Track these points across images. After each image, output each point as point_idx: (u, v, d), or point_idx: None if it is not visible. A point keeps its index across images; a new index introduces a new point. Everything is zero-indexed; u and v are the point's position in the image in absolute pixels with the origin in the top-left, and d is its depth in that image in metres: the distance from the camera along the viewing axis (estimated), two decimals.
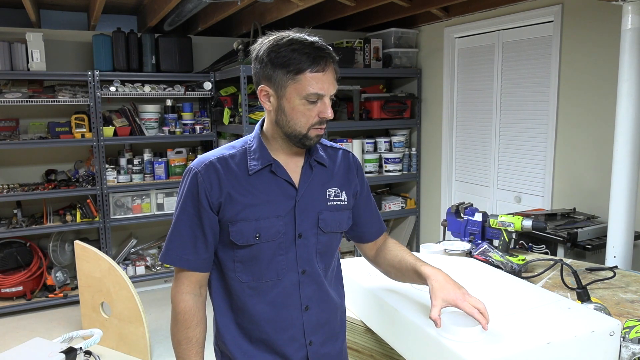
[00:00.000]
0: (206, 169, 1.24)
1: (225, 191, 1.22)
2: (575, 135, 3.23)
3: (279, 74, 1.19)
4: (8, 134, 3.94)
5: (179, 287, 1.29)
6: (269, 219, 1.24)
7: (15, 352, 1.51)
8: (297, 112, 1.20)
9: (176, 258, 1.26)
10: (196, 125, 4.33)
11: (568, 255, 2.64)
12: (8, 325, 3.76)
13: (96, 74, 3.93)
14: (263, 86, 1.22)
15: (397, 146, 4.53)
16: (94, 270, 2.28)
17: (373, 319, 1.48)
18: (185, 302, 1.29)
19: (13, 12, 4.17)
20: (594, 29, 3.05)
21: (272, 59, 1.19)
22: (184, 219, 1.25)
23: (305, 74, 1.17)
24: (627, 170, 2.16)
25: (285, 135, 1.25)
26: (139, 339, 2.13)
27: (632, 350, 1.18)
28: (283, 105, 1.21)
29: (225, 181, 1.23)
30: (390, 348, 1.41)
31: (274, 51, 1.19)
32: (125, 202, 4.20)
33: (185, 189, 1.26)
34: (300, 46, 1.17)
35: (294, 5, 3.48)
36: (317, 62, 1.17)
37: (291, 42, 1.18)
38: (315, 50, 1.18)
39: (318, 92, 1.18)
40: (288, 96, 1.20)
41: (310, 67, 1.17)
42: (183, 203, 1.25)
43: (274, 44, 1.20)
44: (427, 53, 4.43)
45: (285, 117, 1.22)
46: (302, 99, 1.19)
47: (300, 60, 1.16)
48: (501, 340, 1.12)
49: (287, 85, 1.19)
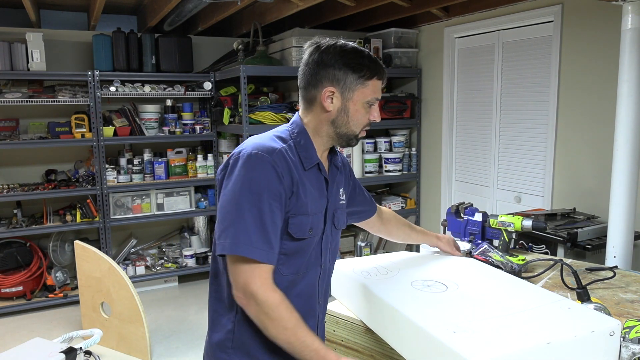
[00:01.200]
0: (279, 156, 1.22)
1: (295, 181, 1.24)
2: (575, 135, 3.23)
3: (350, 78, 1.28)
4: (8, 134, 3.94)
5: (260, 280, 1.16)
6: (317, 215, 1.31)
7: (15, 352, 1.51)
8: (359, 113, 1.31)
9: (256, 251, 1.16)
10: (196, 125, 4.33)
11: (568, 255, 2.64)
12: (8, 325, 3.76)
13: (96, 74, 3.93)
14: (329, 87, 1.29)
15: (397, 146, 4.53)
16: (94, 270, 2.28)
17: (372, 318, 1.48)
18: (276, 293, 1.18)
19: (13, 12, 4.17)
20: (594, 29, 3.05)
21: (345, 63, 1.28)
22: (260, 208, 1.17)
23: (373, 80, 1.31)
24: (627, 170, 2.16)
25: (337, 135, 1.33)
26: (139, 339, 2.13)
27: (632, 350, 1.18)
28: (348, 107, 1.30)
29: (294, 171, 1.25)
30: (390, 348, 1.41)
31: (346, 57, 1.28)
32: (125, 202, 4.21)
33: (255, 175, 1.18)
34: (366, 56, 1.30)
35: (294, 5, 3.48)
36: (381, 72, 1.32)
37: (357, 51, 1.30)
38: (376, 61, 1.32)
39: (377, 97, 1.33)
40: (355, 99, 1.30)
41: (376, 75, 1.31)
42: (254, 191, 1.18)
43: (342, 50, 1.29)
44: (427, 53, 4.43)
45: (347, 118, 1.31)
46: (364, 103, 1.31)
47: (370, 68, 1.29)
48: (501, 338, 1.13)
49: (356, 89, 1.29)
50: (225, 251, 1.18)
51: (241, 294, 1.18)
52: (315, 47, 1.33)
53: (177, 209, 4.38)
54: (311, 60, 1.32)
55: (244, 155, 1.22)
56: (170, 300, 4.21)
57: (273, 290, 1.18)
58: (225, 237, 1.18)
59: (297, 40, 4.01)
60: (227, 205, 1.20)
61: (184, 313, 3.89)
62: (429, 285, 1.45)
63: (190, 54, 4.30)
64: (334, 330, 1.59)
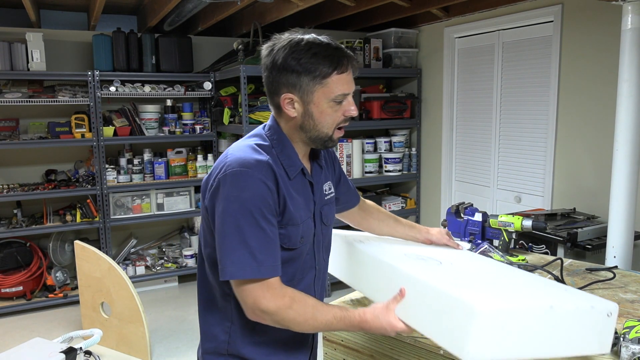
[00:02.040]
0: (267, 171, 1.17)
1: (282, 196, 1.20)
2: (575, 135, 3.23)
3: (304, 81, 1.19)
4: (8, 134, 3.94)
5: (269, 293, 1.14)
6: (306, 221, 1.27)
7: (15, 352, 1.51)
8: (325, 114, 1.22)
9: (264, 269, 1.14)
10: (196, 125, 4.33)
11: (568, 255, 2.64)
12: (8, 325, 3.76)
13: (96, 74, 3.93)
14: (287, 94, 1.21)
15: (397, 146, 4.53)
16: (94, 270, 2.27)
17: (363, 278, 1.46)
18: (285, 297, 1.16)
19: (13, 12, 4.17)
20: (594, 29, 3.05)
21: (294, 66, 1.18)
22: (261, 226, 1.14)
23: (332, 77, 1.19)
24: (627, 170, 2.16)
25: (309, 139, 1.26)
26: (139, 339, 2.13)
27: (632, 350, 1.18)
28: (311, 111, 1.22)
29: (281, 185, 1.19)
30: (390, 347, 1.41)
31: (295, 58, 1.18)
32: (125, 202, 4.21)
33: (248, 196, 1.14)
34: (320, 49, 1.18)
35: (294, 5, 3.48)
36: (341, 63, 1.19)
37: (309, 46, 1.18)
38: (335, 51, 1.20)
39: (344, 92, 1.21)
40: (316, 101, 1.21)
41: (335, 70, 1.19)
42: (251, 210, 1.13)
43: (292, 50, 1.18)
44: (427, 53, 4.43)
45: (313, 122, 1.23)
46: (329, 102, 1.21)
47: (325, 64, 1.18)
48: (505, 295, 1.15)
49: (315, 91, 1.20)
50: (233, 277, 1.14)
51: (252, 313, 1.17)
52: (269, 49, 1.23)
53: (177, 209, 4.38)
54: (266, 65, 1.23)
55: (231, 174, 1.15)
56: (170, 300, 4.21)
57: (282, 296, 1.16)
58: (230, 263, 1.14)
59: None
60: (226, 229, 1.15)
61: (184, 313, 3.89)
62: (423, 259, 1.41)
63: (190, 54, 4.30)
64: None
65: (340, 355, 1.58)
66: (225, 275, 1.15)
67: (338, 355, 1.59)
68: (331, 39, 1.23)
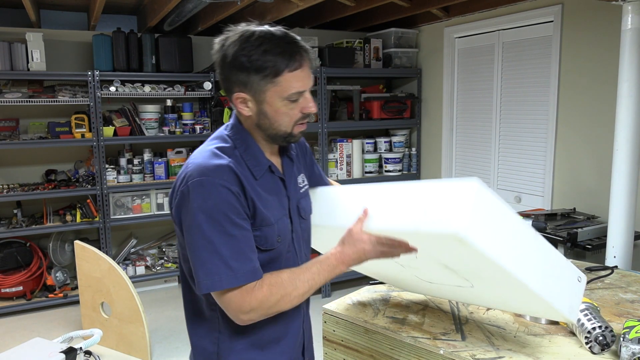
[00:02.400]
0: (229, 175, 1.12)
1: (249, 196, 1.15)
2: (575, 135, 3.23)
3: (255, 80, 1.12)
4: (8, 134, 3.94)
5: (249, 296, 1.11)
6: (281, 219, 1.23)
7: (15, 352, 1.51)
8: (281, 113, 1.16)
9: (240, 276, 1.10)
10: (196, 125, 4.33)
11: (568, 255, 2.64)
12: (8, 325, 3.76)
13: (96, 74, 3.93)
14: (238, 94, 1.16)
15: (397, 146, 4.53)
16: (94, 270, 2.27)
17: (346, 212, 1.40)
18: (262, 288, 1.12)
19: (13, 12, 4.17)
20: (594, 29, 3.05)
21: (243, 63, 1.11)
22: (231, 233, 1.10)
23: (284, 74, 1.12)
24: (627, 170, 2.16)
25: (269, 137, 1.21)
26: (139, 339, 2.13)
27: (632, 350, 1.18)
28: (265, 110, 1.16)
29: (247, 187, 1.15)
30: (390, 348, 1.41)
31: (245, 55, 1.11)
32: (125, 202, 4.21)
33: (212, 204, 1.09)
34: (271, 45, 1.11)
35: (294, 5, 3.48)
36: (294, 59, 1.12)
37: (260, 41, 1.11)
38: (288, 46, 1.12)
39: (299, 89, 1.15)
40: (269, 100, 1.15)
41: (287, 67, 1.12)
42: (218, 219, 1.09)
43: (242, 46, 1.11)
44: (427, 53, 4.43)
45: (269, 120, 1.17)
46: (284, 100, 1.15)
47: (276, 62, 1.11)
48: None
49: (266, 90, 1.14)
50: (210, 289, 1.11)
51: (238, 319, 1.14)
52: (220, 44, 1.15)
53: None
54: (217, 61, 1.17)
55: (193, 184, 1.10)
56: (170, 300, 4.21)
57: (259, 289, 1.12)
58: (204, 276, 1.10)
59: None
60: (196, 241, 1.11)
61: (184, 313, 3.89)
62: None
63: (190, 54, 4.30)
64: (334, 330, 1.59)
65: (340, 355, 1.58)
66: (202, 289, 1.11)
67: (338, 355, 1.59)
68: (287, 31, 1.15)
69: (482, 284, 1.24)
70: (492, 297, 1.32)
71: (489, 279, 1.19)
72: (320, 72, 4.09)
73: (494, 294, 1.28)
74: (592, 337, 1.25)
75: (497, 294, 1.27)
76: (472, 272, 1.20)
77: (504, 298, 1.28)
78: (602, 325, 1.25)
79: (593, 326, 1.26)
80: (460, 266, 1.20)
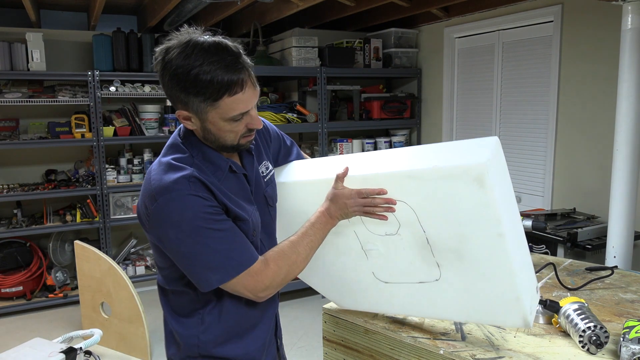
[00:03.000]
0: (195, 183, 1.13)
1: (220, 200, 1.17)
2: (575, 135, 3.23)
3: (194, 101, 1.11)
4: (8, 134, 3.94)
5: (257, 275, 1.17)
6: (253, 214, 1.27)
7: (15, 352, 1.51)
8: (225, 131, 1.16)
9: (244, 261, 1.16)
10: None
11: (568, 255, 2.64)
12: (8, 325, 3.76)
13: (96, 74, 3.93)
14: (181, 111, 1.14)
15: (397, 146, 4.52)
16: (94, 270, 2.27)
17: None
18: (268, 264, 1.19)
19: (13, 12, 4.17)
20: (594, 29, 3.05)
21: (183, 82, 1.08)
22: (220, 228, 1.14)
23: (224, 99, 1.10)
24: (627, 170, 2.16)
25: (217, 148, 1.21)
26: (139, 339, 2.13)
27: (632, 350, 1.18)
28: (208, 127, 1.15)
29: (215, 191, 1.16)
30: (390, 348, 1.41)
31: (183, 73, 1.07)
32: (125, 202, 4.20)
33: (190, 213, 1.11)
34: (211, 67, 1.07)
35: (294, 5, 3.48)
36: (234, 84, 1.09)
37: (201, 60, 1.06)
38: (228, 67, 1.08)
39: (242, 111, 1.14)
40: (211, 120, 1.14)
41: (227, 92, 1.09)
42: (201, 224, 1.11)
43: (180, 62, 1.07)
44: (427, 53, 4.43)
45: (214, 136, 1.17)
46: (226, 120, 1.14)
47: (214, 87, 1.07)
48: None
49: (207, 112, 1.12)
50: (221, 283, 1.15)
51: (256, 297, 1.20)
52: (162, 54, 1.11)
53: None
54: (158, 71, 1.13)
55: (163, 202, 1.11)
56: None
57: (266, 266, 1.18)
58: (212, 273, 1.14)
59: (297, 40, 4.01)
60: (191, 251, 1.13)
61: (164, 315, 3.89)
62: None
63: None
64: (334, 330, 1.59)
65: (341, 355, 1.58)
66: (213, 285, 1.15)
67: (338, 355, 1.59)
68: (228, 44, 1.11)
69: (452, 268, 1.21)
70: (453, 296, 1.26)
71: (470, 254, 1.17)
72: (320, 72, 4.09)
73: (459, 287, 1.23)
74: (585, 337, 1.25)
75: (464, 285, 1.22)
76: (456, 240, 1.17)
77: (468, 294, 1.23)
78: (596, 325, 1.25)
79: (587, 325, 1.25)
80: (446, 231, 1.18)
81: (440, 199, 1.15)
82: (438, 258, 1.23)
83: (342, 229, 1.34)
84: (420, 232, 1.22)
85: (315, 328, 3.56)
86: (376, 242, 1.31)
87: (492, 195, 1.06)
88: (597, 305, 1.56)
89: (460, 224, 1.15)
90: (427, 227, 1.21)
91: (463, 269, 1.21)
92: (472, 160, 1.06)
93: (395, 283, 1.36)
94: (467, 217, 1.12)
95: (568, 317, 1.32)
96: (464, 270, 1.21)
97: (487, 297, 1.20)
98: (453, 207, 1.13)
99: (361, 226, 1.32)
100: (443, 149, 1.18)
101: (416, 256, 1.27)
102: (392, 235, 1.27)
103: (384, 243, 1.31)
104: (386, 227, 1.27)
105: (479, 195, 1.07)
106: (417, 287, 1.32)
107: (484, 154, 1.06)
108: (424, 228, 1.21)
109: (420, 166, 1.16)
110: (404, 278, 1.33)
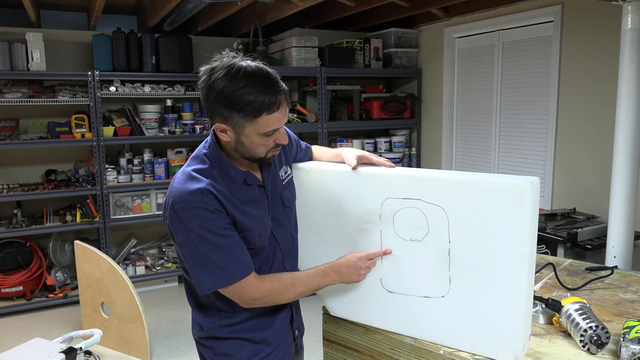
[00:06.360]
0: (208, 197, 1.25)
1: (229, 212, 1.28)
2: (575, 135, 3.23)
3: (235, 117, 1.24)
4: (8, 134, 3.94)
5: (249, 287, 1.30)
6: (262, 220, 1.37)
7: (15, 352, 1.51)
8: (256, 144, 1.29)
9: (237, 274, 1.28)
10: (196, 125, 4.33)
11: (568, 255, 2.64)
12: (8, 325, 3.76)
13: (96, 74, 3.93)
14: (219, 124, 1.27)
15: (397, 146, 4.53)
16: (94, 270, 2.28)
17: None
18: (264, 282, 1.33)
19: (13, 12, 4.17)
20: (594, 29, 3.05)
21: (228, 99, 1.22)
22: (220, 244, 1.26)
23: (262, 117, 1.24)
24: (627, 170, 2.16)
25: (244, 158, 1.34)
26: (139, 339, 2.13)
27: (632, 350, 1.18)
28: (242, 140, 1.28)
29: (226, 204, 1.27)
30: (390, 348, 1.41)
31: (229, 93, 1.22)
32: (125, 202, 4.21)
33: (197, 225, 1.24)
34: (254, 88, 1.22)
35: (294, 5, 3.48)
36: (273, 103, 1.24)
37: (244, 83, 1.21)
38: (268, 90, 1.23)
39: (275, 127, 1.28)
40: (247, 134, 1.27)
41: (266, 111, 1.23)
42: (206, 236, 1.24)
43: (226, 84, 1.22)
44: (427, 53, 4.43)
45: (245, 148, 1.30)
46: (260, 135, 1.27)
47: (256, 105, 1.22)
48: None
49: (245, 126, 1.26)
50: (211, 289, 1.28)
51: (245, 304, 1.33)
52: (207, 75, 1.28)
53: None
54: (202, 89, 1.29)
55: (178, 209, 1.25)
56: (170, 300, 4.21)
57: (262, 283, 1.31)
58: (204, 279, 1.27)
59: (297, 40, 4.01)
60: (192, 254, 1.27)
61: (184, 313, 3.89)
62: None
63: (190, 54, 4.30)
64: (334, 330, 1.59)
65: (341, 355, 1.58)
66: (204, 290, 1.29)
67: (338, 355, 1.59)
68: (269, 70, 1.26)
69: (463, 285, 1.25)
70: (452, 318, 1.28)
71: (486, 270, 1.20)
72: (320, 72, 4.09)
73: (462, 308, 1.26)
74: (586, 336, 1.25)
75: (468, 307, 1.25)
76: (476, 254, 1.22)
77: (468, 318, 1.26)
78: (598, 325, 1.25)
79: (589, 325, 1.26)
80: (471, 243, 1.23)
81: (478, 210, 1.21)
82: (452, 272, 1.27)
83: (370, 226, 1.40)
84: (444, 242, 1.27)
85: (315, 328, 3.56)
86: (396, 246, 1.36)
87: (526, 216, 1.14)
88: (597, 305, 1.56)
89: (488, 238, 1.20)
90: (453, 237, 1.26)
91: (473, 288, 1.24)
92: (518, 181, 1.16)
93: (399, 294, 1.38)
94: (496, 233, 1.18)
95: (569, 317, 1.32)
96: (473, 289, 1.24)
97: (486, 323, 1.23)
98: (487, 220, 1.20)
99: (389, 227, 1.37)
100: (488, 174, 1.26)
101: (431, 267, 1.30)
102: (416, 242, 1.32)
103: (403, 249, 1.35)
104: (414, 232, 1.32)
105: (516, 212, 1.15)
106: (419, 303, 1.34)
107: (527, 179, 1.16)
108: (450, 238, 1.26)
109: (470, 176, 1.23)
110: (411, 290, 1.35)
